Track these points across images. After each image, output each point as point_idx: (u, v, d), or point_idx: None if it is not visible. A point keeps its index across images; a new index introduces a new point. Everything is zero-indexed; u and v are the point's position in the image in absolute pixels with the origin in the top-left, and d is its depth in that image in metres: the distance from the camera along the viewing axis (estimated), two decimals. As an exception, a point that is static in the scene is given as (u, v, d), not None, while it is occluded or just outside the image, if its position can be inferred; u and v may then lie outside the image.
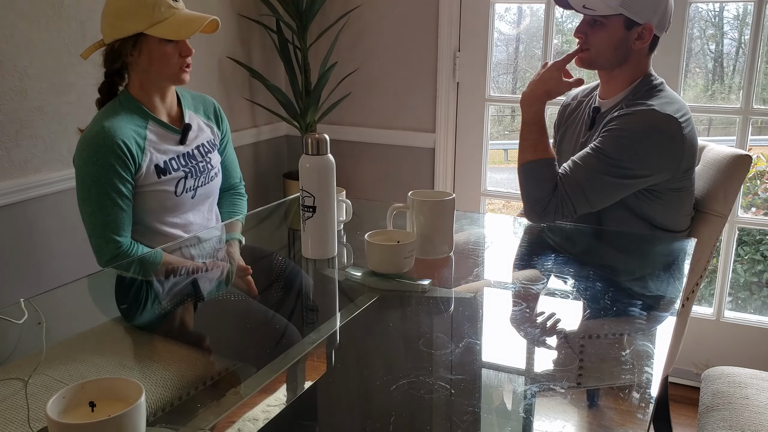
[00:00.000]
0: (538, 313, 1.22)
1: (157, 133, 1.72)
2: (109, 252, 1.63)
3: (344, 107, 2.98)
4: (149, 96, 1.72)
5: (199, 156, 1.80)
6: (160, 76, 1.69)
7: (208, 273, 1.49)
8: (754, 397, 1.53)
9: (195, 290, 1.41)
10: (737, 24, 3.29)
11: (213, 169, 1.84)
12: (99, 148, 1.60)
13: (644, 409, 0.90)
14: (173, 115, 1.79)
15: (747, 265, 3.35)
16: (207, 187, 1.82)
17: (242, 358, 1.13)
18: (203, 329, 1.26)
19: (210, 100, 1.92)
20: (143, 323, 1.29)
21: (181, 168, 1.74)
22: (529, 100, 1.71)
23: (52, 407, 0.75)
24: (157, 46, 1.64)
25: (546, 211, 1.63)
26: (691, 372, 2.61)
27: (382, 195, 2.99)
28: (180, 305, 1.32)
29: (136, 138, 1.66)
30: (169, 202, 1.72)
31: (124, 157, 1.62)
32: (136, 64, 1.67)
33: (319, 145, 1.39)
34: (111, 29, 1.64)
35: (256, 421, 0.91)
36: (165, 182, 1.70)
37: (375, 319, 1.24)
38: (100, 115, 1.69)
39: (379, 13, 2.84)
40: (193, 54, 1.70)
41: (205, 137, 1.84)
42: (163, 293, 1.41)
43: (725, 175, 1.73)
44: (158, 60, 1.65)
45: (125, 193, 1.63)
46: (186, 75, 1.71)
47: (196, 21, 1.66)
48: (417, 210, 1.44)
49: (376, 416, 0.94)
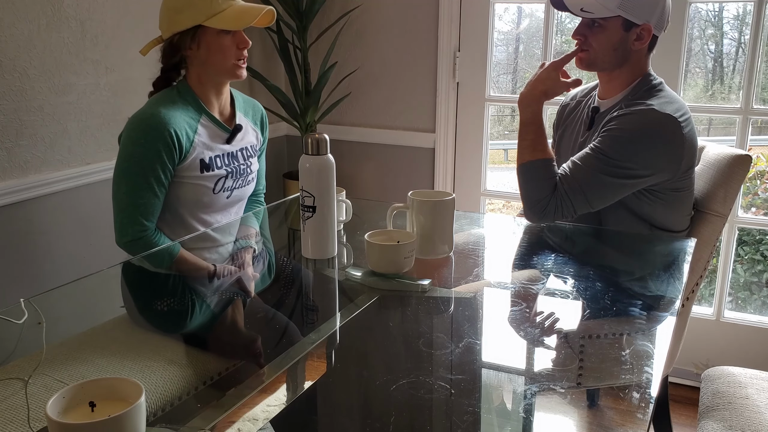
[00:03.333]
0: (537, 313, 1.22)
1: (209, 128, 1.73)
2: (133, 233, 1.64)
3: (344, 107, 2.98)
4: (206, 91, 1.74)
5: (242, 158, 1.81)
6: (218, 70, 1.70)
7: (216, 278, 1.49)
8: (754, 397, 1.53)
9: (196, 290, 1.42)
10: (737, 24, 3.29)
11: (251, 174, 1.85)
12: (150, 131, 1.62)
13: (644, 409, 0.90)
14: (226, 114, 1.81)
15: (747, 265, 3.35)
16: (242, 190, 1.83)
17: (242, 358, 1.13)
18: (203, 329, 1.26)
19: (259, 107, 1.94)
20: (145, 320, 1.29)
21: (224, 167, 1.75)
22: (526, 101, 1.71)
23: (52, 407, 0.75)
24: (215, 38, 1.66)
25: (545, 211, 1.63)
26: (691, 372, 2.61)
27: (382, 195, 2.99)
28: (181, 305, 1.32)
29: (188, 129, 1.67)
30: (206, 198, 1.73)
31: (171, 146, 1.63)
32: (195, 57, 1.69)
33: (319, 145, 1.39)
34: (169, 23, 1.66)
35: (256, 421, 0.91)
36: (206, 178, 1.71)
37: (375, 319, 1.24)
38: (156, 99, 1.70)
39: (379, 13, 2.84)
40: (250, 46, 1.71)
41: (250, 141, 1.85)
42: (166, 292, 1.41)
43: (725, 175, 1.73)
44: (216, 52, 1.67)
45: (163, 181, 1.64)
46: (243, 70, 1.72)
47: (252, 11, 1.67)
48: (417, 210, 1.44)
49: (376, 416, 0.94)
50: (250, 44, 1.71)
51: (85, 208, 2.16)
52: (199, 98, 1.73)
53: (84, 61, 2.11)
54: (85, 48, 2.11)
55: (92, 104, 2.15)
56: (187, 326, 1.26)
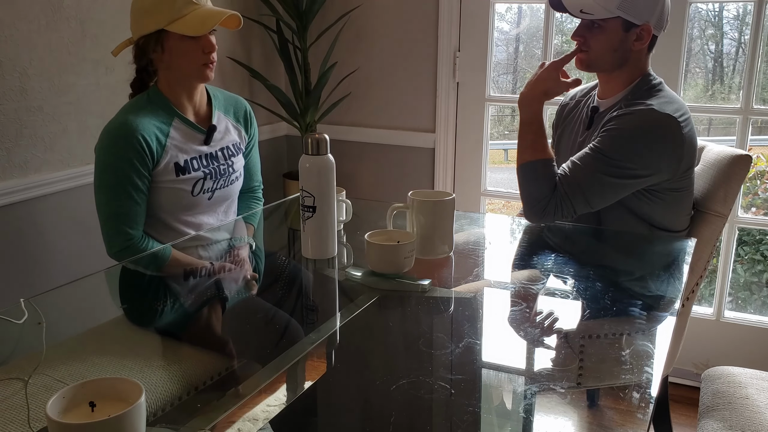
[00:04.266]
0: (537, 313, 1.22)
1: (182, 131, 1.72)
2: (119, 243, 1.64)
3: (344, 107, 2.98)
4: (176, 93, 1.72)
5: (222, 158, 1.79)
6: (184, 73, 1.69)
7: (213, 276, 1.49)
8: (754, 397, 1.53)
9: (196, 291, 1.42)
10: (737, 24, 3.29)
11: (234, 173, 1.83)
12: (118, 140, 1.62)
13: (644, 409, 0.90)
14: (201, 114, 1.79)
15: (747, 265, 3.35)
16: (225, 190, 1.81)
17: (242, 358, 1.13)
18: (203, 329, 1.26)
19: (242, 103, 1.91)
20: (144, 321, 1.29)
21: (201, 168, 1.73)
22: (526, 101, 1.71)
23: (52, 407, 0.75)
24: (179, 43, 1.64)
25: (545, 211, 1.63)
26: (691, 372, 2.61)
27: (382, 195, 2.99)
28: (181, 305, 1.32)
29: (158, 134, 1.66)
30: (185, 200, 1.72)
31: (142, 152, 1.62)
32: (161, 60, 1.68)
33: (319, 145, 1.39)
34: (136, 26, 1.66)
35: (256, 421, 0.91)
36: (182, 181, 1.70)
37: (375, 319, 1.24)
38: (126, 107, 1.70)
39: (379, 13, 2.84)
40: (216, 50, 1.69)
41: (231, 140, 1.83)
42: (165, 292, 1.41)
43: (725, 175, 1.73)
44: (181, 57, 1.66)
45: (141, 188, 1.64)
46: (210, 72, 1.70)
47: (216, 15, 1.65)
48: (417, 210, 1.44)
49: (376, 416, 0.94)
50: (216, 48, 1.69)
51: (85, 208, 2.16)
52: (171, 102, 1.71)
53: (84, 61, 2.11)
54: (85, 48, 2.11)
55: (92, 104, 2.15)
56: (187, 326, 1.26)
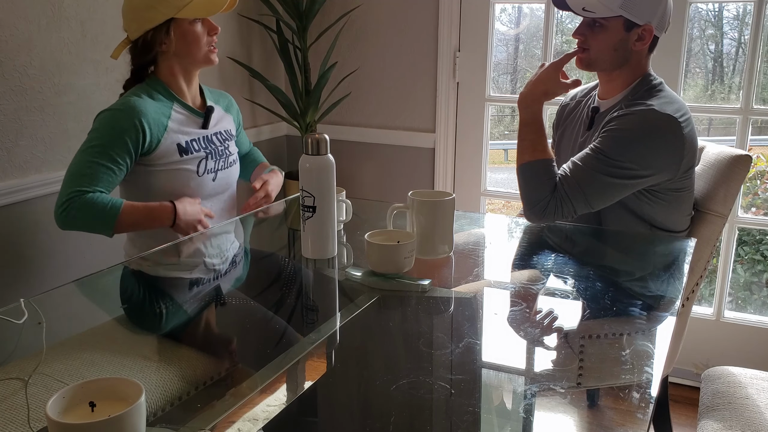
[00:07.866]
0: (537, 313, 1.22)
1: (182, 114, 1.81)
2: (66, 194, 1.63)
3: (344, 107, 2.98)
4: (177, 81, 1.81)
5: (218, 141, 1.88)
6: (193, 58, 1.78)
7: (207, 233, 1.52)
8: (754, 397, 1.53)
9: (196, 290, 1.41)
10: (737, 24, 3.29)
11: (231, 155, 1.93)
12: (118, 114, 1.68)
13: (644, 409, 0.90)
14: (197, 103, 1.89)
15: (747, 265, 3.35)
16: (227, 172, 1.90)
17: (242, 358, 1.13)
18: (203, 329, 1.26)
19: (226, 95, 2.04)
20: (144, 321, 1.29)
21: (201, 149, 1.82)
22: (526, 101, 1.71)
23: (52, 407, 0.75)
24: (189, 28, 1.74)
25: (546, 211, 1.63)
26: (691, 372, 2.61)
27: (382, 195, 2.99)
28: (181, 305, 1.32)
29: (160, 117, 1.73)
30: (192, 182, 1.79)
31: (137, 134, 1.67)
32: (168, 51, 1.75)
33: (319, 145, 1.39)
34: (140, 22, 1.71)
35: (256, 421, 0.91)
36: (187, 161, 1.78)
37: (375, 319, 1.24)
38: (128, 94, 1.76)
39: (379, 13, 2.84)
40: (219, 32, 1.80)
41: (224, 126, 1.94)
42: (165, 292, 1.41)
43: (725, 175, 1.73)
44: (192, 42, 1.75)
45: (119, 162, 1.68)
46: (215, 55, 1.81)
47: None
48: (417, 210, 1.44)
49: (376, 416, 0.94)
50: (219, 30, 1.79)
51: (85, 208, 2.16)
52: (170, 88, 1.80)
53: (84, 61, 2.11)
54: (85, 48, 2.11)
55: (92, 104, 2.15)
56: (187, 326, 1.26)
